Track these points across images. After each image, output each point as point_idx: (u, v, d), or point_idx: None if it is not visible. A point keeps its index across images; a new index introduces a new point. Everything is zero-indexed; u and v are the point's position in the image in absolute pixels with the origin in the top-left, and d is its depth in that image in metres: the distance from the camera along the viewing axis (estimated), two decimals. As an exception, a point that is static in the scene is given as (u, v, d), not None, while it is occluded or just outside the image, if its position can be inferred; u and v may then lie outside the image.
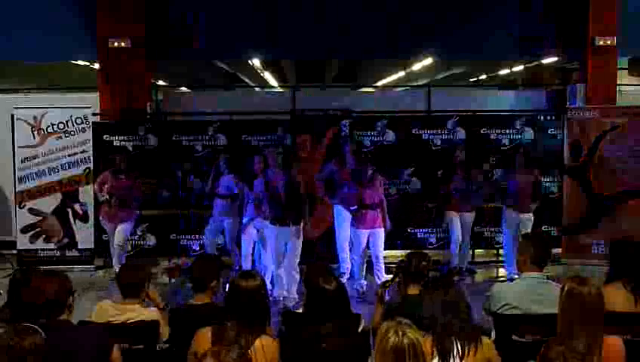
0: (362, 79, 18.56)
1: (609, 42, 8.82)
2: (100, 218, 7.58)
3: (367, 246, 6.79)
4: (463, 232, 7.55)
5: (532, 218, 7.31)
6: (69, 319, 3.11)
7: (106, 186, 7.34)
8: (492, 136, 8.32)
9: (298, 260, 6.44)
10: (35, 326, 2.62)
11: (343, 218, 7.11)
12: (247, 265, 7.13)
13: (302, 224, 6.44)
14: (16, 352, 2.44)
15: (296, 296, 6.24)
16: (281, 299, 6.42)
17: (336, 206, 7.21)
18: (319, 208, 7.56)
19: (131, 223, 7.54)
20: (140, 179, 7.53)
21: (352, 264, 7.03)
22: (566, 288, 2.97)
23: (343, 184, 7.06)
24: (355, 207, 6.73)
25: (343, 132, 8.10)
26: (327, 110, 8.33)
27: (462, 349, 2.84)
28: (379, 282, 6.73)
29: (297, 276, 6.35)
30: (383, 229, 6.77)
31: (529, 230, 7.03)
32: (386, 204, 6.88)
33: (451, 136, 8.30)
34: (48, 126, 8.01)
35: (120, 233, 7.37)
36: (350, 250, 7.03)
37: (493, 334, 3.57)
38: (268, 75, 18.18)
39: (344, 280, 6.64)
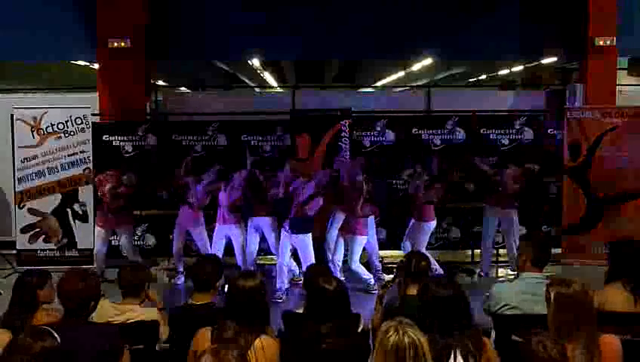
0: (362, 79, 18.57)
1: (609, 42, 8.82)
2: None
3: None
4: (420, 238, 7.26)
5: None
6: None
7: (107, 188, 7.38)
8: (492, 136, 8.32)
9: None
10: (50, 329, 2.62)
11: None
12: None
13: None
14: (25, 354, 2.44)
15: None
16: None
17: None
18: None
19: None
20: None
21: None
22: (553, 294, 2.95)
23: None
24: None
25: (342, 132, 8.10)
26: (327, 110, 8.33)
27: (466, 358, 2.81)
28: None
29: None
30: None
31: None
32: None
33: (451, 136, 8.31)
34: (48, 126, 8.00)
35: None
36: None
37: (493, 334, 3.57)
38: (267, 75, 18.18)
39: None
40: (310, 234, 6.76)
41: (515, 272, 7.32)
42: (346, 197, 6.92)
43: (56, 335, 2.55)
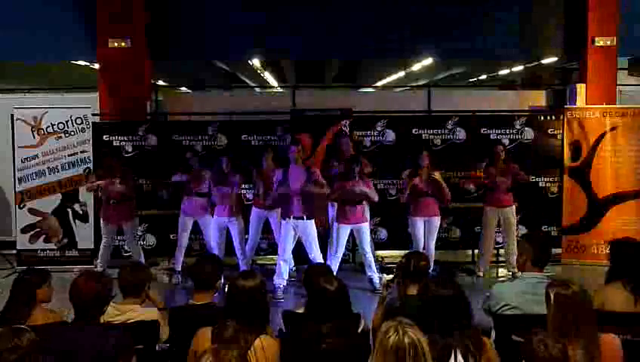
0: (362, 79, 18.58)
1: (609, 42, 8.83)
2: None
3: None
4: (428, 237, 7.20)
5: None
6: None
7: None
8: (492, 136, 8.32)
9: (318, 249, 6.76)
10: (26, 327, 2.62)
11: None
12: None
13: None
14: (16, 352, 2.44)
15: None
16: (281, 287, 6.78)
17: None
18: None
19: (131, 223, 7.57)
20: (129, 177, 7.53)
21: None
22: (552, 295, 2.95)
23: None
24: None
25: (343, 132, 8.09)
26: (327, 110, 8.33)
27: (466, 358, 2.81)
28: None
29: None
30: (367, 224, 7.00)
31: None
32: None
33: (451, 136, 8.31)
34: (48, 126, 8.02)
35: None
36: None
37: (493, 334, 3.57)
38: (268, 75, 18.19)
39: None
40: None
41: (510, 273, 7.39)
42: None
43: (32, 333, 2.54)
